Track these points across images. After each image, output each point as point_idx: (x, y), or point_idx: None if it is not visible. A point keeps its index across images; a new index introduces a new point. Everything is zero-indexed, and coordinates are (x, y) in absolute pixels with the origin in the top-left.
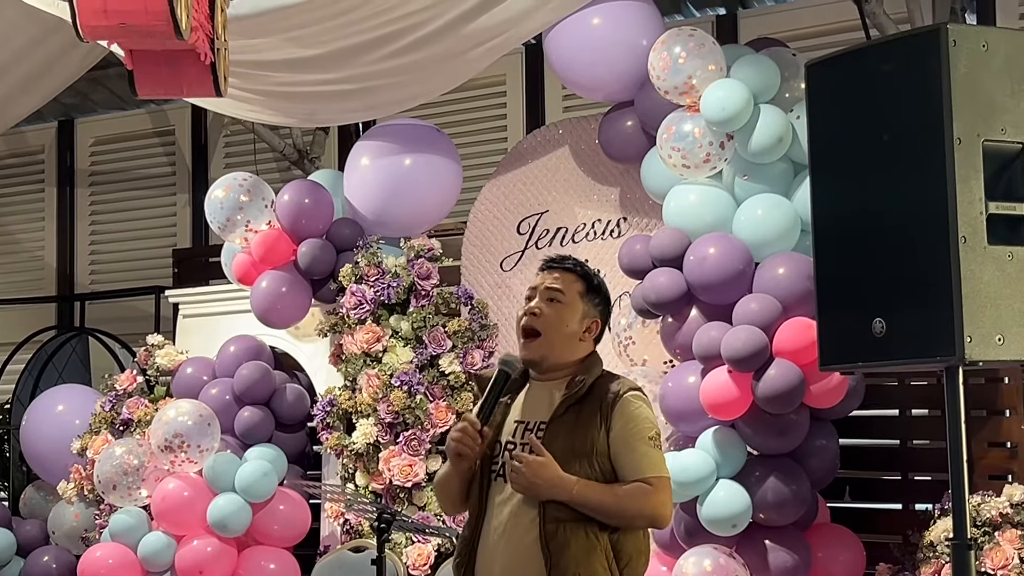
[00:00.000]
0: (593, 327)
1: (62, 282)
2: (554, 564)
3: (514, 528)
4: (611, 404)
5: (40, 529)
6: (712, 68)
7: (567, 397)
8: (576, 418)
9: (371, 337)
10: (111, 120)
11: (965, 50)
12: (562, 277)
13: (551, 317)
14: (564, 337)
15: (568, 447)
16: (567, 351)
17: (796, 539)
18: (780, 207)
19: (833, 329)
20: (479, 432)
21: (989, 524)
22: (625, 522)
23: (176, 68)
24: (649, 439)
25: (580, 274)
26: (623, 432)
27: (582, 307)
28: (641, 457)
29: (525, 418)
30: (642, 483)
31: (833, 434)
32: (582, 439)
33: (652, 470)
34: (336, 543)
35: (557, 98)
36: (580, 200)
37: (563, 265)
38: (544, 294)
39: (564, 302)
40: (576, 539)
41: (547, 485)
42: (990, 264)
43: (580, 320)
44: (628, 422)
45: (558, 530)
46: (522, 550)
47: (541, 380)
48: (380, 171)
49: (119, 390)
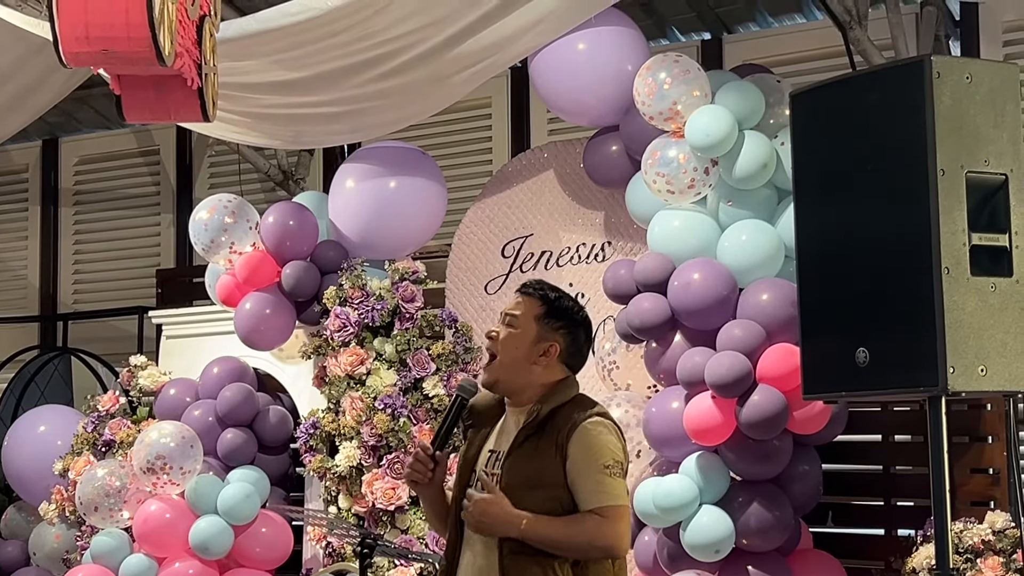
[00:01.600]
0: (551, 351)
1: (45, 301)
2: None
3: (481, 560)
4: (568, 433)
5: (21, 550)
6: (697, 94)
7: (525, 426)
8: (534, 448)
9: (355, 360)
10: (96, 139)
11: (949, 82)
12: (522, 302)
13: (504, 342)
14: (516, 361)
15: (526, 478)
16: (521, 375)
17: (779, 565)
18: (764, 233)
19: (816, 358)
20: (431, 457)
21: (971, 551)
22: (578, 554)
23: (163, 93)
24: (605, 467)
25: (539, 297)
26: (578, 461)
27: (536, 330)
28: (595, 486)
29: (496, 447)
30: (594, 513)
31: (816, 460)
32: (539, 469)
33: (606, 499)
34: (318, 566)
35: (542, 122)
36: (565, 224)
37: (526, 290)
38: (503, 319)
39: (517, 326)
40: (531, 572)
41: (495, 522)
42: (973, 295)
43: (533, 343)
44: (584, 451)
45: (514, 563)
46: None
47: (511, 407)
48: (365, 193)
49: (101, 411)
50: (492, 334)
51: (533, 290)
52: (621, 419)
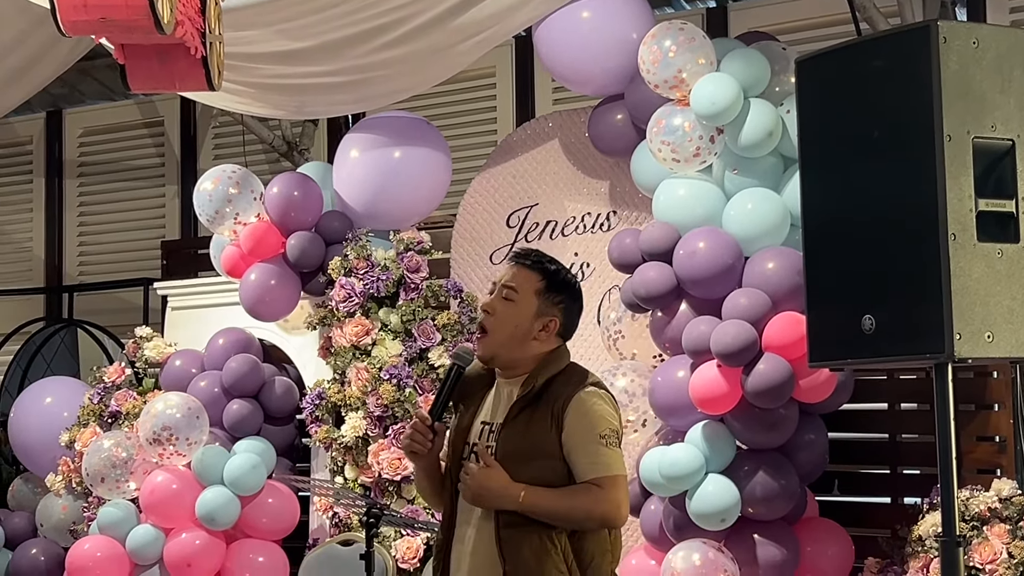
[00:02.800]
0: (551, 326)
1: (50, 273)
2: (508, 570)
3: (477, 533)
4: (563, 404)
5: (28, 521)
6: (702, 62)
7: (520, 398)
8: (529, 419)
9: (360, 330)
10: (100, 111)
11: (955, 47)
12: (520, 274)
13: (502, 316)
14: (514, 336)
15: (522, 449)
16: (519, 350)
17: (785, 533)
18: (770, 201)
19: (822, 326)
20: (430, 427)
21: (978, 519)
22: (576, 525)
23: (166, 62)
24: (601, 437)
25: (539, 270)
26: (574, 432)
27: (536, 305)
28: (592, 456)
29: (488, 419)
30: (591, 484)
31: (822, 428)
32: (535, 441)
33: (603, 470)
34: (325, 536)
35: (547, 91)
36: (570, 193)
37: (524, 260)
38: (499, 291)
39: (516, 300)
40: (529, 543)
41: (493, 495)
42: (979, 261)
43: (533, 319)
44: (580, 420)
45: (512, 535)
46: (483, 555)
47: (503, 378)
48: (369, 164)
49: (107, 382)
50: (488, 308)
51: (531, 261)
52: (627, 388)
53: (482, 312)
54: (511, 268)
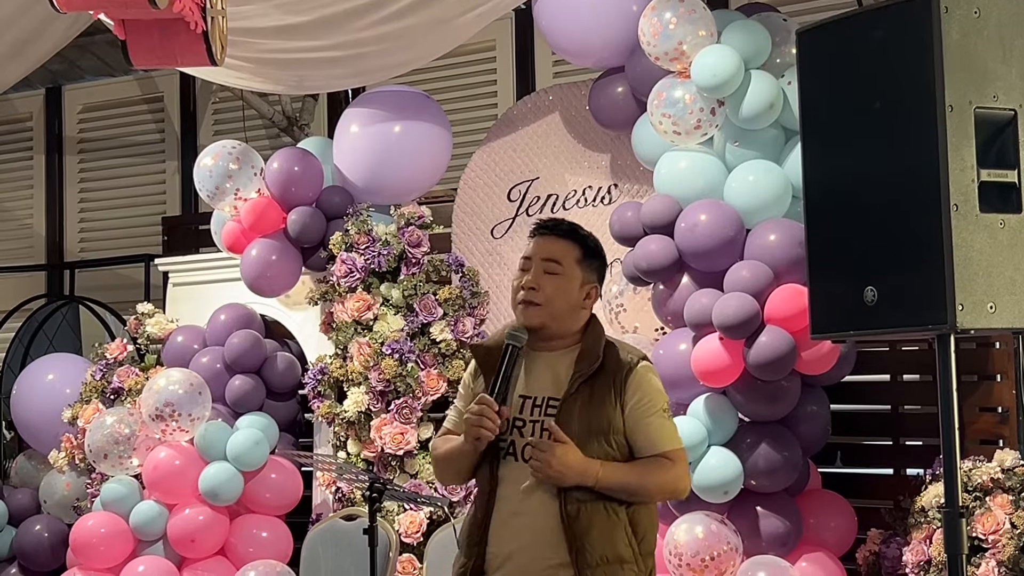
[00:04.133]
0: (593, 294)
1: (51, 250)
2: (578, 547)
3: (531, 509)
4: (624, 378)
5: (31, 498)
6: (703, 34)
7: (579, 373)
8: (590, 394)
9: (362, 305)
10: (99, 87)
11: (957, 17)
12: (557, 245)
13: (550, 291)
14: (565, 308)
15: (584, 426)
16: (570, 320)
17: (787, 505)
18: (771, 173)
19: (824, 297)
20: (497, 412)
21: (980, 489)
22: (648, 498)
23: (167, 37)
24: (664, 411)
25: (576, 239)
26: (638, 407)
27: (580, 274)
28: (658, 431)
29: (530, 393)
30: (661, 457)
31: (824, 400)
32: (598, 417)
33: (669, 443)
34: (328, 511)
35: (547, 64)
36: (571, 167)
37: (558, 230)
38: (541, 265)
39: (562, 272)
40: (598, 519)
41: (573, 473)
42: (982, 232)
43: (580, 288)
44: (643, 396)
45: (580, 511)
46: (542, 532)
47: (540, 351)
48: (370, 138)
49: (109, 359)
50: (533, 284)
51: (564, 231)
52: None
53: (526, 291)
54: (545, 240)
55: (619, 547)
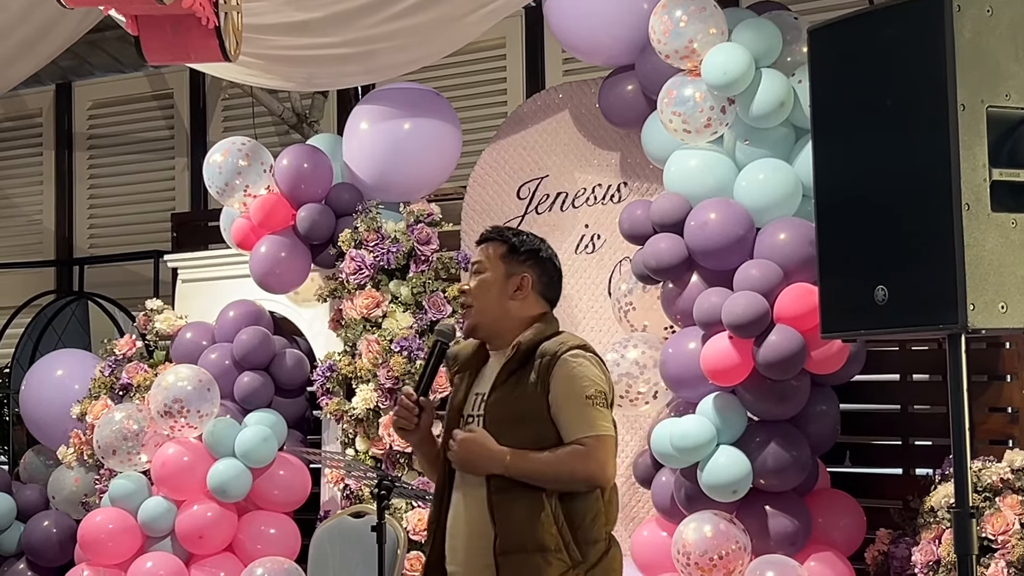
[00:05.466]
0: (524, 283)
1: (61, 246)
2: (499, 534)
3: (470, 501)
4: (548, 366)
5: (40, 494)
6: (713, 32)
7: (506, 363)
8: (517, 384)
9: (371, 302)
10: (109, 83)
11: (969, 15)
12: (483, 249)
13: (476, 288)
14: (492, 302)
15: (511, 414)
16: (500, 313)
17: (796, 505)
18: (781, 172)
19: (835, 296)
20: (416, 403)
21: (990, 490)
22: (563, 486)
23: (180, 33)
24: (587, 398)
25: (500, 239)
26: (561, 393)
27: (503, 268)
28: (577, 416)
29: (479, 390)
30: (577, 443)
31: (834, 399)
32: (522, 405)
33: (588, 430)
34: (336, 508)
35: (557, 62)
36: (580, 165)
37: (485, 236)
38: (471, 271)
39: (484, 270)
40: (519, 506)
41: (480, 460)
42: (993, 231)
43: (504, 280)
44: (566, 382)
45: (503, 499)
46: (476, 522)
47: (494, 350)
48: (379, 135)
49: (118, 355)
50: (464, 288)
51: (492, 235)
52: (638, 360)
53: (460, 295)
54: (476, 249)
55: (541, 536)
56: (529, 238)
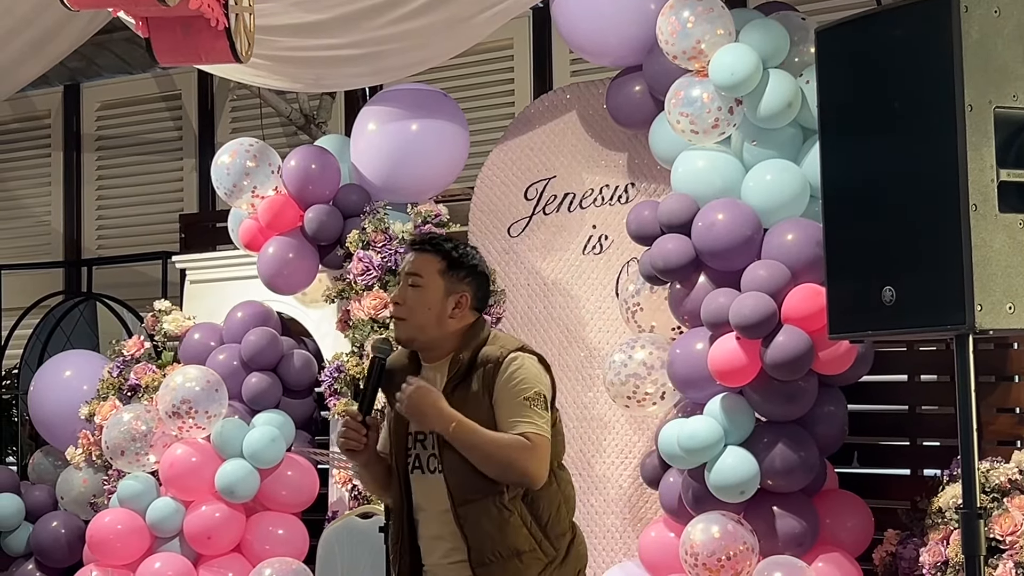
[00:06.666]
0: (463, 301)
1: (69, 247)
2: (472, 547)
3: (436, 515)
4: (492, 372)
5: (48, 494)
6: (721, 32)
7: (451, 378)
8: (464, 396)
9: (378, 303)
10: (117, 84)
11: (977, 16)
12: (419, 259)
13: (412, 303)
14: (429, 319)
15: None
16: (437, 330)
17: (804, 505)
18: (789, 173)
19: (842, 297)
20: (362, 423)
21: (998, 490)
22: (499, 471)
23: (190, 34)
24: (525, 399)
25: (438, 252)
26: (501, 394)
27: (443, 285)
28: (515, 415)
29: None
30: (523, 437)
31: (842, 400)
32: (471, 415)
33: (527, 427)
34: (344, 509)
35: (565, 63)
36: (588, 165)
37: (421, 247)
38: (405, 280)
39: (423, 285)
40: (487, 515)
41: (432, 411)
42: (1001, 232)
43: (443, 298)
44: (506, 383)
45: (468, 510)
46: (447, 536)
47: (428, 362)
48: (387, 136)
49: (127, 356)
50: (398, 299)
51: (429, 245)
52: (645, 361)
53: (392, 304)
54: (411, 256)
55: (514, 540)
56: (467, 251)
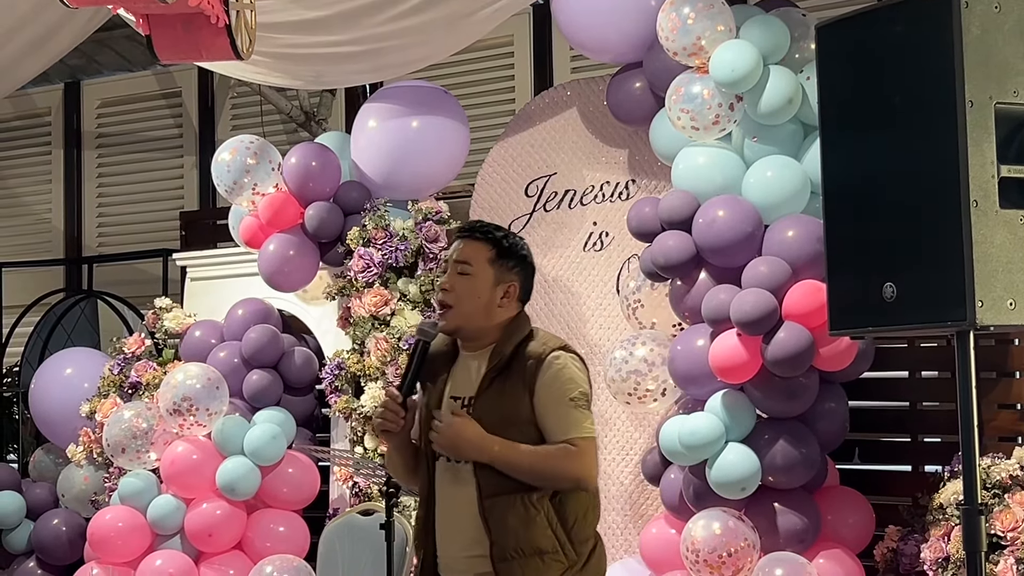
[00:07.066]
0: (511, 291)
1: (70, 245)
2: (494, 540)
3: (459, 506)
4: (534, 369)
5: (49, 492)
6: (721, 29)
7: (490, 369)
8: (502, 388)
9: (379, 300)
10: (117, 82)
11: (977, 12)
12: (469, 247)
13: (461, 291)
14: (478, 308)
15: (497, 418)
16: (484, 320)
17: (805, 502)
18: (790, 169)
19: (843, 293)
20: (402, 404)
21: (999, 486)
22: (550, 483)
23: (191, 31)
24: (571, 400)
25: (488, 240)
26: (545, 395)
27: (493, 274)
28: (563, 418)
29: (457, 394)
30: (568, 444)
31: (842, 396)
32: (509, 408)
33: (575, 431)
34: (345, 506)
35: (565, 59)
36: (588, 162)
37: (471, 234)
38: (454, 267)
39: (472, 273)
40: (513, 511)
41: (468, 444)
42: (1002, 228)
43: (492, 287)
44: (550, 384)
45: (495, 504)
46: (468, 528)
47: (468, 351)
48: (387, 133)
49: (127, 353)
50: (446, 286)
51: (480, 233)
52: (646, 358)
53: (440, 291)
54: (460, 243)
55: (537, 539)
56: (516, 241)
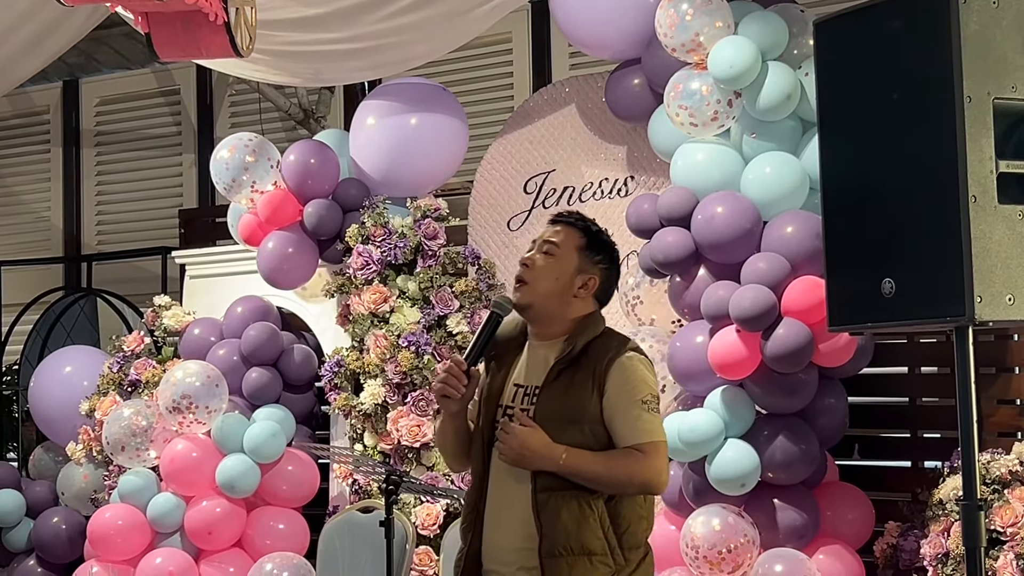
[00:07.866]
0: (590, 283)
1: (69, 243)
2: (545, 535)
3: (511, 497)
4: (605, 368)
5: (49, 490)
6: (719, 25)
7: (559, 360)
8: (569, 382)
9: (378, 298)
10: (116, 80)
11: (975, 7)
12: (562, 231)
13: (542, 268)
14: (554, 289)
15: (560, 413)
16: (557, 304)
17: (805, 498)
18: (788, 165)
19: (842, 289)
20: (466, 373)
21: (998, 482)
22: (617, 489)
23: (190, 28)
24: (643, 403)
25: (581, 228)
26: (616, 396)
27: (577, 261)
28: (634, 422)
29: (522, 382)
30: (634, 449)
31: (842, 392)
32: (574, 404)
33: (645, 435)
34: (345, 503)
35: (564, 56)
36: (587, 159)
37: (567, 219)
38: (541, 246)
39: (557, 255)
40: (567, 508)
41: (534, 455)
42: (1000, 223)
43: (573, 274)
44: (622, 386)
45: (549, 500)
46: (518, 520)
47: (538, 341)
48: (386, 131)
49: (127, 351)
50: (527, 261)
51: (574, 220)
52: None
53: (521, 267)
54: (553, 226)
55: (588, 539)
56: (609, 240)
